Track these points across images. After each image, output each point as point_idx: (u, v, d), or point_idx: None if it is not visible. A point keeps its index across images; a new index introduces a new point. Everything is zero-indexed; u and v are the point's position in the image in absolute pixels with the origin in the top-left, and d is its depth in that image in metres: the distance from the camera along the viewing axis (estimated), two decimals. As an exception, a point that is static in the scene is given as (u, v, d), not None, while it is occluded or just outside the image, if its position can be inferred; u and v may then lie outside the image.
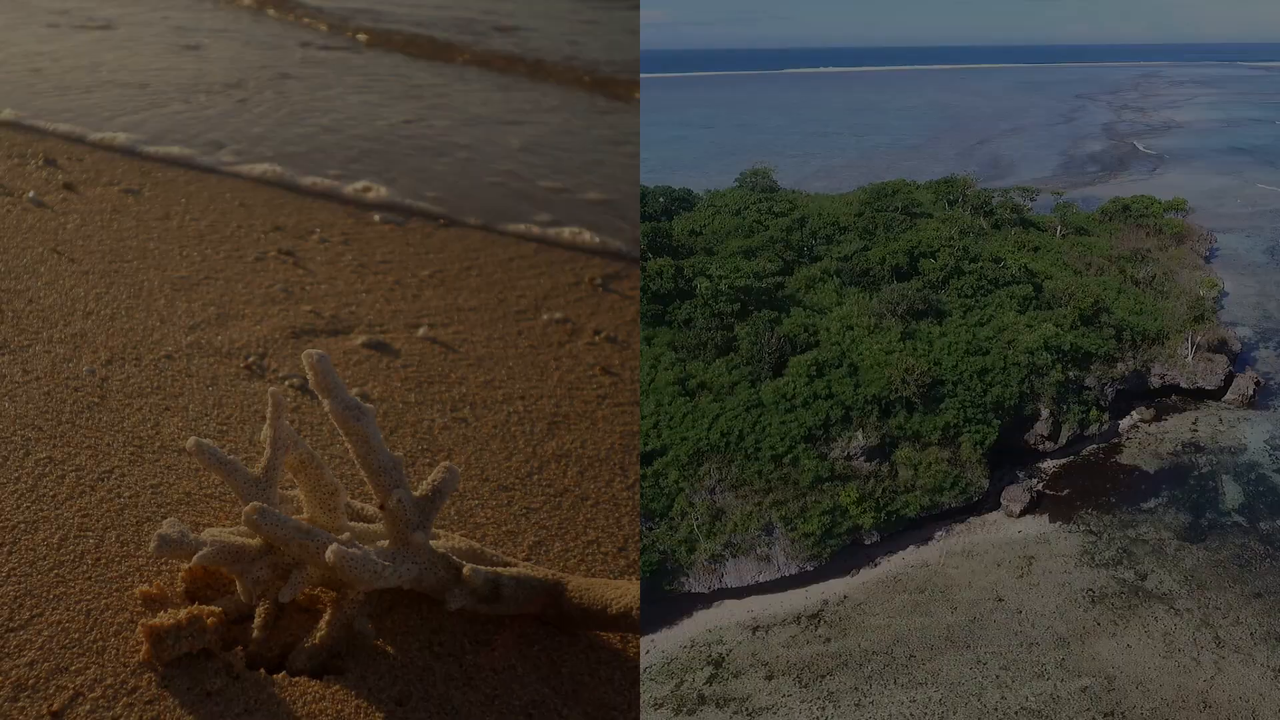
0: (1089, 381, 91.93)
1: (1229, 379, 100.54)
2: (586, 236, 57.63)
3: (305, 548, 24.68)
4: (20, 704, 23.06)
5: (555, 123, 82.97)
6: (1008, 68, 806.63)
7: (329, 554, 23.57)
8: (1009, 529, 76.70)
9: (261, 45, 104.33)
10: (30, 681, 23.62)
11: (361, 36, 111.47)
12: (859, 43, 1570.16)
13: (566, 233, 57.94)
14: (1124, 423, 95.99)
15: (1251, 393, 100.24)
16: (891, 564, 71.11)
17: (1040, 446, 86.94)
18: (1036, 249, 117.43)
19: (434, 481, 26.34)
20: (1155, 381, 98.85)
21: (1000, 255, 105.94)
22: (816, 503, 68.51)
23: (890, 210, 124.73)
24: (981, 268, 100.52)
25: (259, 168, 64.16)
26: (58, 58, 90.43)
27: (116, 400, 35.26)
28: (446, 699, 24.89)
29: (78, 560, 27.16)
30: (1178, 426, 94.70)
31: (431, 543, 26.30)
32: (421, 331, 43.42)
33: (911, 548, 73.35)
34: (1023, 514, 78.39)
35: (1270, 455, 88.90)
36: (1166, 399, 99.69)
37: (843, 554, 69.43)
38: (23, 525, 28.09)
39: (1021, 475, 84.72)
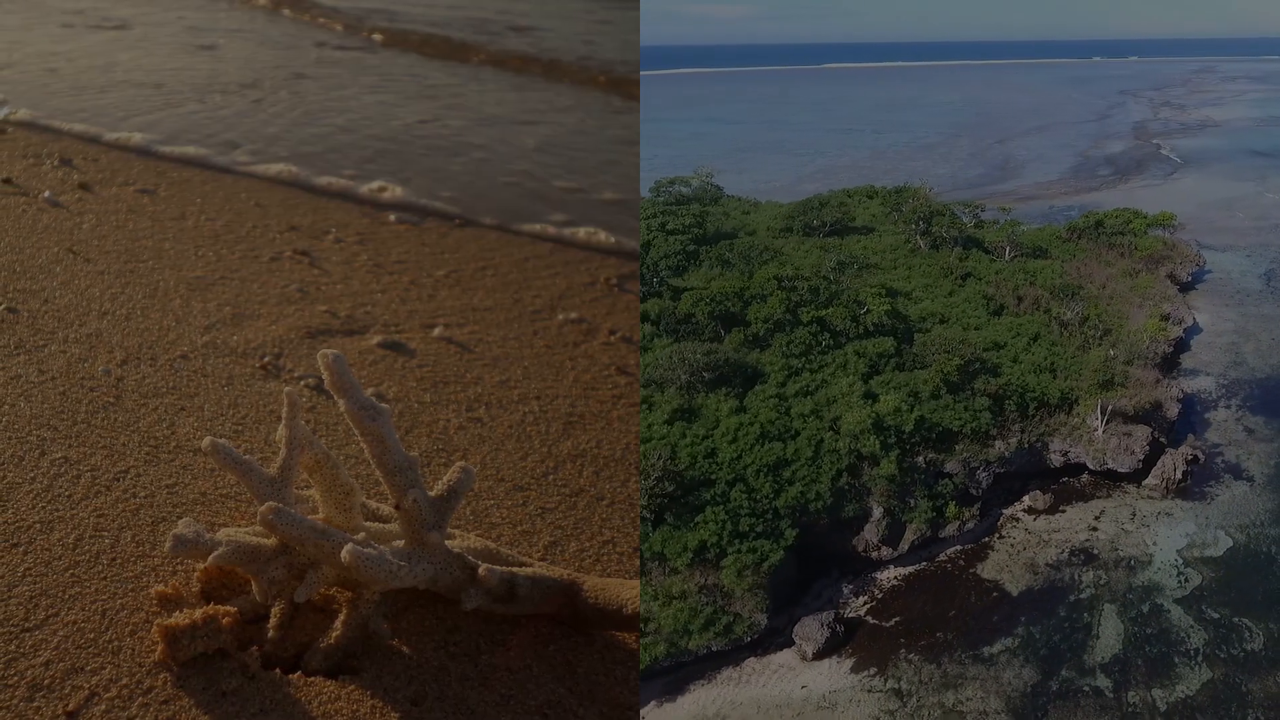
0: (951, 466, 74.68)
1: (1155, 455, 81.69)
2: (602, 236, 57.57)
3: (321, 547, 24.63)
4: (36, 704, 23.04)
5: (570, 123, 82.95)
6: (1062, 63, 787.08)
7: (344, 554, 23.51)
8: (792, 680, 58.40)
9: (276, 45, 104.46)
10: (46, 681, 23.59)
11: (377, 36, 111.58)
12: (920, 38, 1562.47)
13: (582, 233, 57.89)
14: (1010, 512, 78.01)
15: (1180, 476, 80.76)
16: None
17: (874, 554, 69.63)
18: (966, 276, 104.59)
19: (449, 481, 26.27)
20: (1056, 459, 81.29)
21: (863, 297, 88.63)
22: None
23: (815, 225, 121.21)
24: (829, 316, 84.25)
25: (274, 168, 64.21)
26: (73, 58, 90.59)
27: (132, 400, 35.26)
28: (462, 699, 24.83)
29: (93, 560, 27.15)
30: (1074, 522, 76.27)
31: (447, 543, 26.23)
32: (437, 331, 43.38)
33: (653, 704, 56.51)
34: (819, 656, 59.91)
35: (1178, 575, 68.45)
36: (1074, 479, 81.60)
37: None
38: (38, 525, 28.08)
39: (847, 591, 66.90)
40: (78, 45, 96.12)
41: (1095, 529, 75.31)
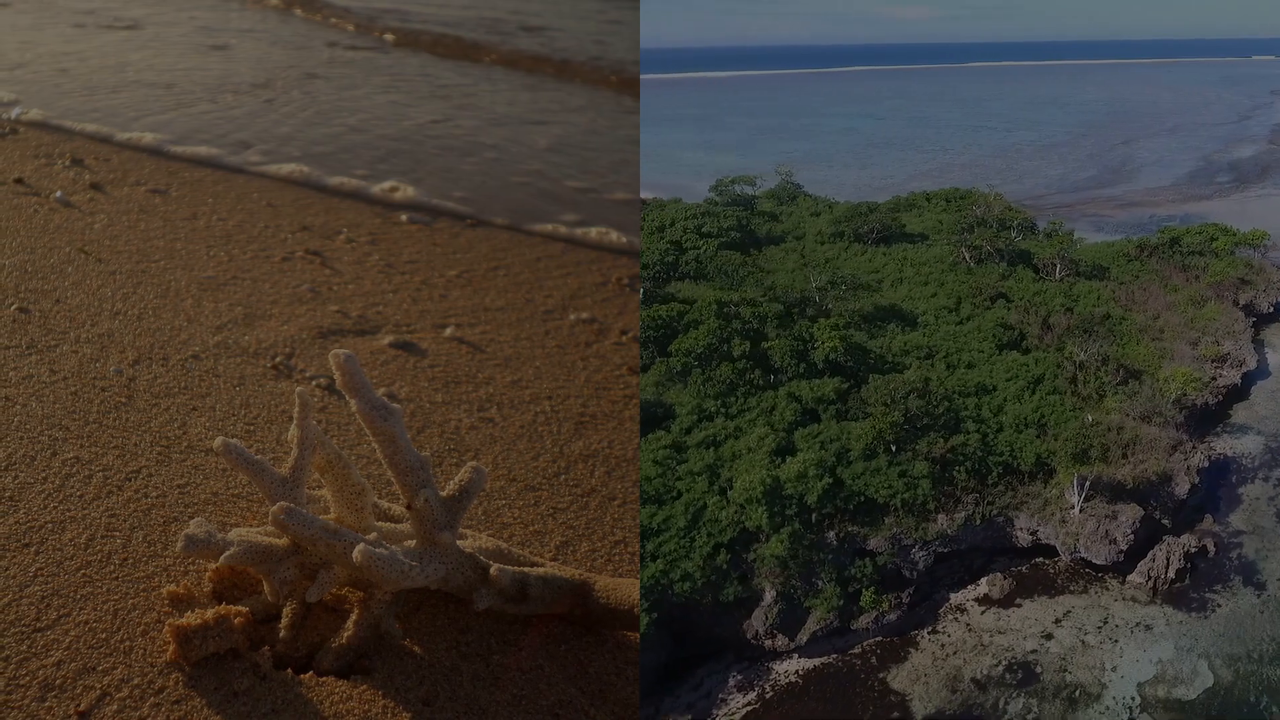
0: (876, 543, 64.37)
1: (1148, 541, 68.48)
2: (614, 236, 57.47)
3: (332, 548, 24.58)
4: (48, 704, 23.03)
5: (582, 123, 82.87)
6: (1221, 62, 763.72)
7: (356, 554, 23.47)
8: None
9: (288, 45, 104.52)
10: (58, 681, 23.59)
11: (389, 36, 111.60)
12: (1089, 36, 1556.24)
13: (594, 232, 57.80)
14: (959, 599, 66.53)
15: (1173, 576, 66.73)
16: None
17: (768, 644, 60.10)
18: (996, 298, 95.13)
19: (461, 481, 26.22)
20: (1023, 538, 69.08)
21: (819, 329, 77.73)
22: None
23: (864, 232, 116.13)
24: (771, 349, 75.44)
25: (286, 168, 64.20)
26: (84, 58, 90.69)
27: (144, 400, 35.26)
28: (473, 699, 24.78)
29: (105, 560, 27.14)
30: (1028, 622, 63.79)
31: (459, 543, 26.20)
32: (449, 331, 43.34)
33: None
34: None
35: (1131, 721, 55.95)
36: (1050, 561, 69.20)
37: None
38: (50, 525, 28.09)
39: (734, 679, 58.80)
40: (89, 45, 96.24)
41: (1050, 636, 62.25)
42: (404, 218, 57.55)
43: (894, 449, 67.92)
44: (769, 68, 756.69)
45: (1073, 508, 67.87)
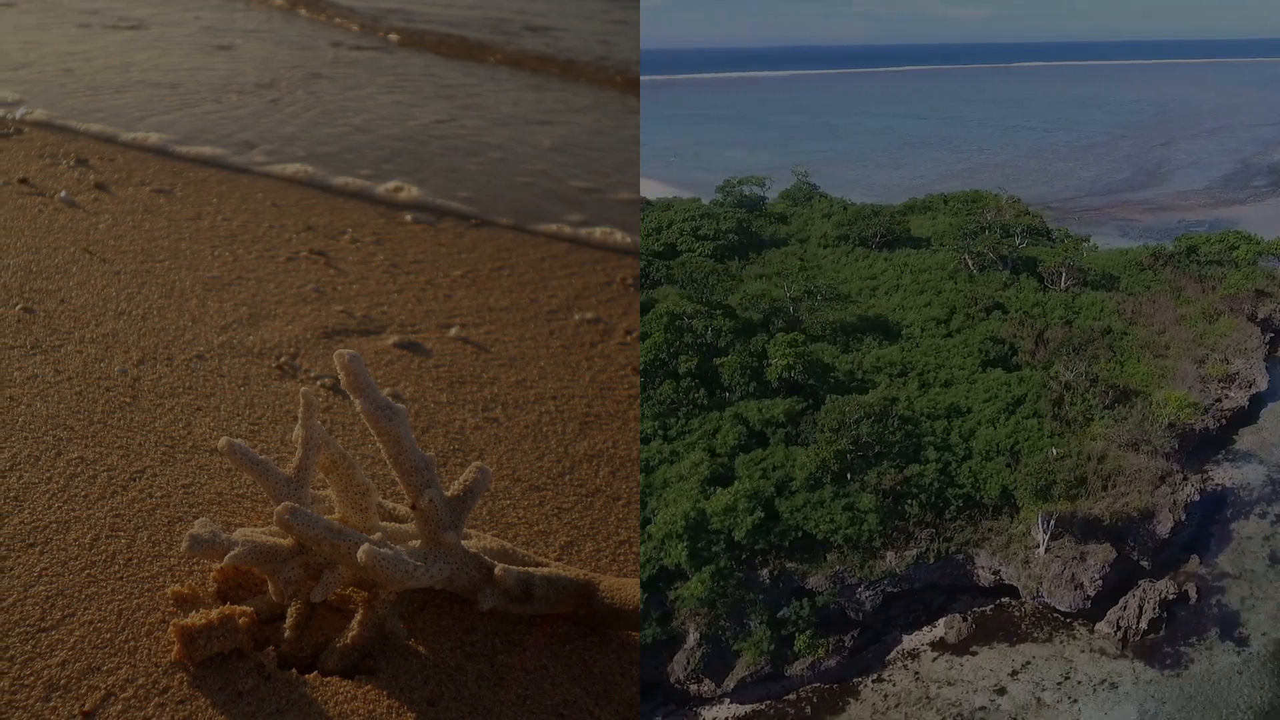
0: (817, 581, 59.66)
1: (1124, 584, 63.39)
2: (619, 236, 57.46)
3: (337, 548, 24.57)
4: (52, 704, 23.03)
5: (587, 123, 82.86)
6: (1275, 62, 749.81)
7: (361, 554, 23.46)
8: None
9: (293, 45, 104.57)
10: (62, 681, 23.58)
11: (393, 36, 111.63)
12: (1144, 35, 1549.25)
13: (599, 232, 57.78)
14: (911, 643, 61.93)
15: (1145, 627, 61.07)
16: None
17: (694, 689, 56.56)
18: (992, 309, 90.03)
19: (466, 481, 26.20)
20: (985, 577, 63.88)
21: (774, 345, 73.13)
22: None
23: (867, 236, 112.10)
24: (723, 366, 71.23)
25: (291, 168, 64.22)
26: (89, 58, 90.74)
27: (148, 400, 35.26)
28: (478, 699, 24.76)
29: (109, 560, 27.14)
30: (981, 673, 59.13)
31: (463, 543, 26.17)
32: (453, 331, 43.33)
33: None
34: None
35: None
36: (1017, 602, 64.12)
37: None
38: (54, 525, 28.09)
39: None
40: (94, 45, 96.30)
41: (1003, 691, 57.13)
42: (409, 218, 57.54)
43: (848, 476, 63.22)
44: (823, 67, 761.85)
45: (1039, 546, 62.55)
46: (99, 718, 22.94)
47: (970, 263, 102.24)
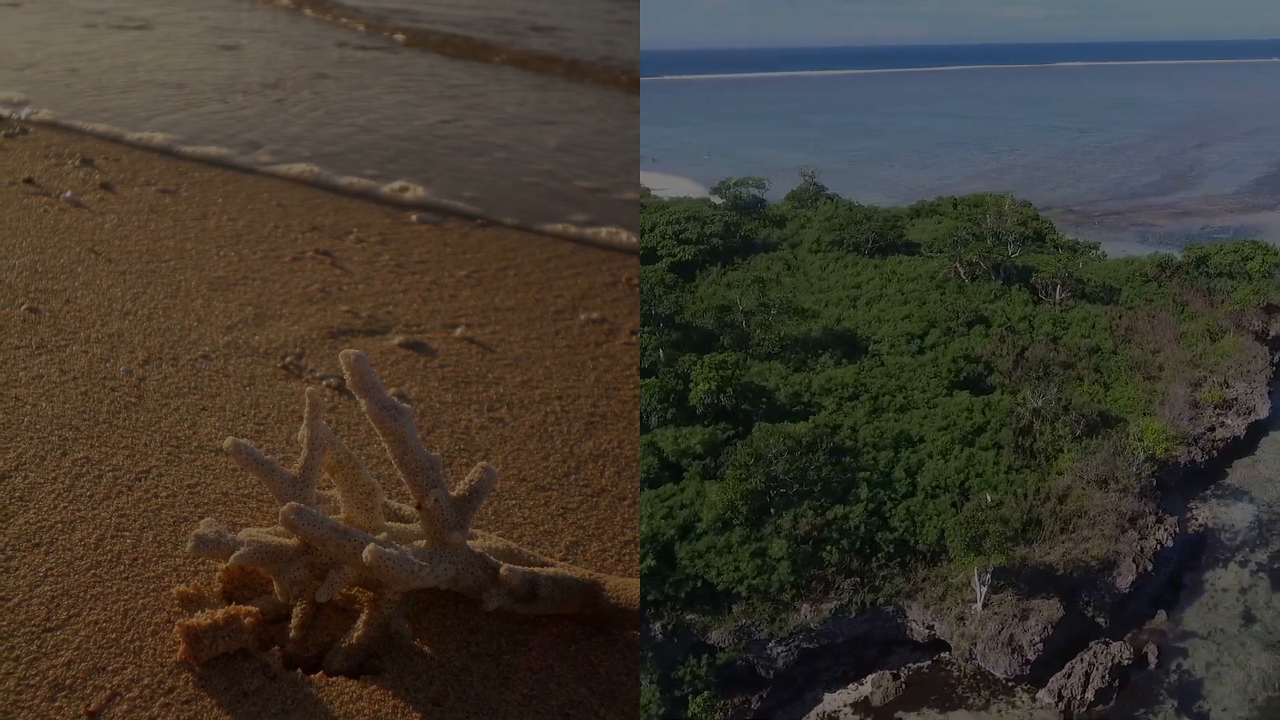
0: (720, 636, 54.46)
1: (1074, 643, 56.68)
2: (624, 236, 57.39)
3: (342, 547, 24.55)
4: (58, 704, 23.03)
5: (591, 122, 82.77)
6: None
7: (366, 554, 23.44)
8: None
9: (298, 45, 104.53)
10: (68, 681, 23.58)
11: (398, 36, 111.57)
12: (1208, 35, 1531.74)
13: (604, 232, 57.70)
14: (831, 705, 55.44)
15: (1092, 697, 54.32)
16: None
17: None
18: (973, 324, 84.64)
19: (471, 481, 26.18)
20: (919, 631, 57.90)
21: (696, 367, 67.74)
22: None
23: (860, 241, 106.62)
24: (643, 387, 65.19)
25: (296, 168, 64.20)
26: (95, 58, 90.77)
27: (154, 400, 35.26)
28: (483, 699, 24.74)
29: (115, 560, 27.14)
30: None
31: (469, 543, 26.16)
32: (459, 331, 43.30)
33: None
34: None
35: None
36: (954, 657, 57.22)
37: None
38: (60, 525, 28.09)
39: None
40: (100, 45, 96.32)
41: None
42: (414, 218, 57.51)
43: (770, 514, 57.59)
44: (879, 67, 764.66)
45: (976, 602, 55.98)
46: (104, 717, 22.93)
47: (961, 272, 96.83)
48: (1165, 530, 63.81)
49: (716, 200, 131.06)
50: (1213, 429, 78.06)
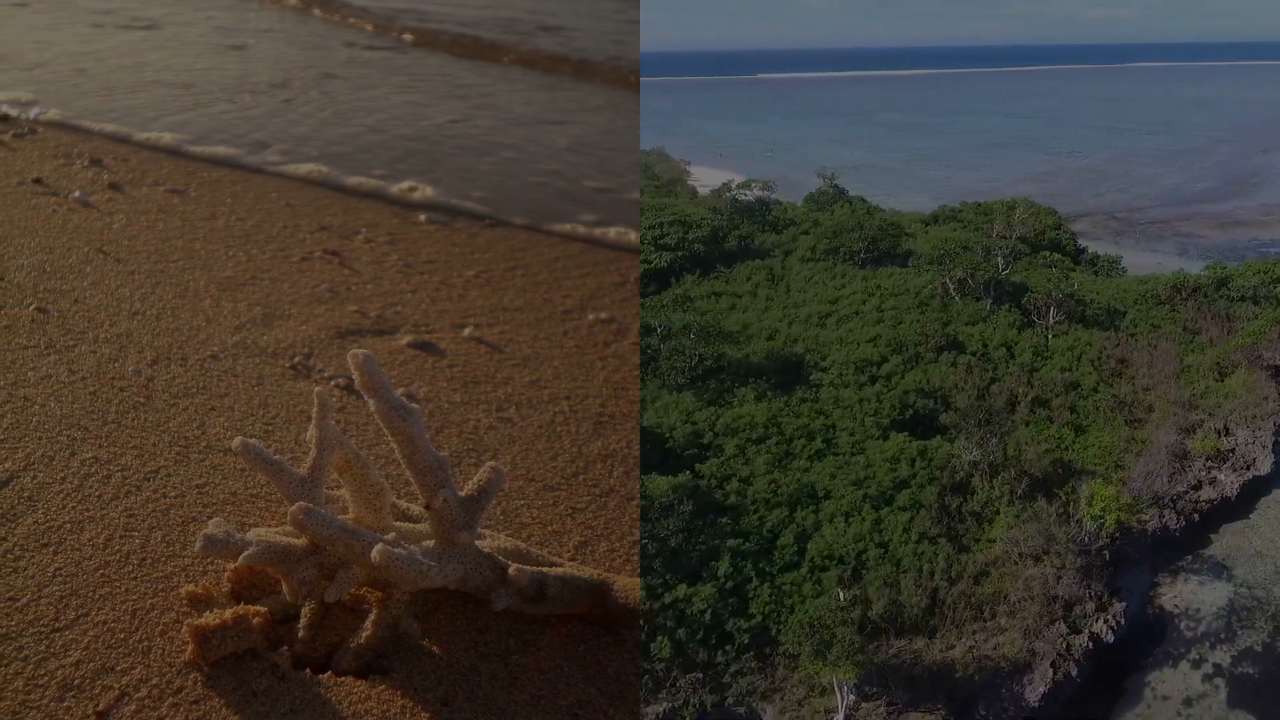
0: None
1: None
2: (633, 236, 57.34)
3: (351, 547, 24.53)
4: (66, 704, 23.02)
5: (600, 122, 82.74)
6: None
7: (375, 554, 23.41)
8: None
9: (306, 45, 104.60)
10: (76, 681, 23.58)
11: (407, 36, 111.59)
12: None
13: (613, 232, 57.65)
14: None
15: None
16: None
17: None
18: (943, 349, 74.91)
19: (480, 481, 26.15)
20: None
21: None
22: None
23: (855, 250, 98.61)
24: None
25: (304, 168, 64.21)
26: (102, 58, 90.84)
27: (162, 400, 35.27)
28: (492, 699, 24.71)
29: (124, 560, 27.14)
30: None
31: (477, 543, 26.12)
32: (467, 331, 43.27)
33: None
34: None
35: None
36: None
37: None
38: (69, 525, 28.09)
39: None
40: (107, 45, 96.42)
41: None
42: (422, 217, 57.51)
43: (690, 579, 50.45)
44: (966, 67, 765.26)
45: (835, 713, 45.66)
46: (113, 717, 22.92)
47: (950, 288, 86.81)
48: (1107, 621, 51.91)
49: (742, 197, 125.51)
50: (1198, 486, 65.20)
